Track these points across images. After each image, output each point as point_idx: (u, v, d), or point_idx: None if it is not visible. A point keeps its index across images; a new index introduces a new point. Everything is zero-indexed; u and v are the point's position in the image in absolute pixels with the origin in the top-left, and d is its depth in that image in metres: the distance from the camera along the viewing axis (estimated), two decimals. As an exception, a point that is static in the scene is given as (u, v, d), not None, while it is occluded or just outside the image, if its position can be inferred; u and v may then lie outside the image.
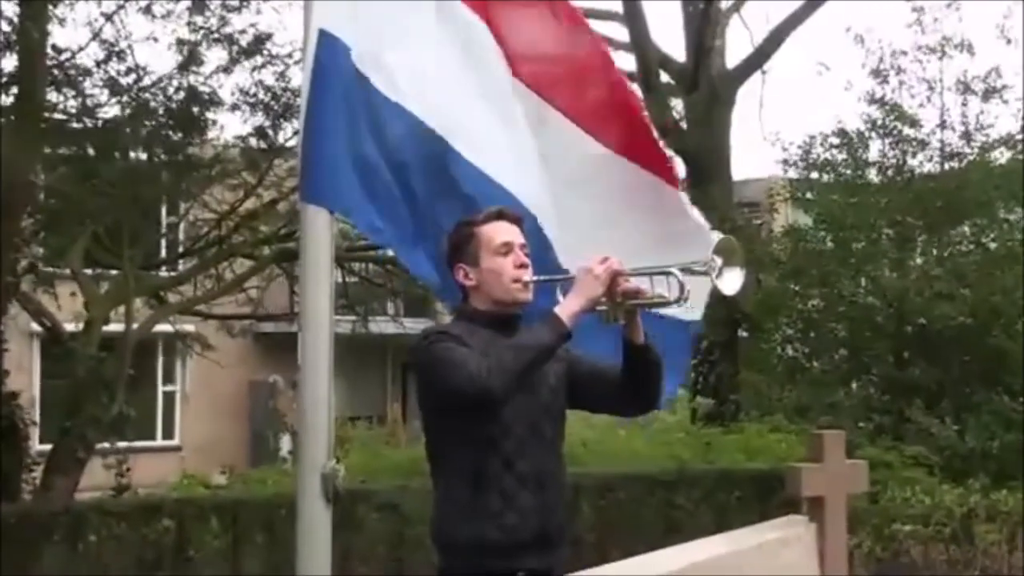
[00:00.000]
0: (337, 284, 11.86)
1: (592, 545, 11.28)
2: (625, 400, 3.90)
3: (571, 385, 3.87)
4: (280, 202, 13.54)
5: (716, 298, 3.98)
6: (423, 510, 8.65)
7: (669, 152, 5.12)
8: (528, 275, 3.83)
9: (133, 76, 11.95)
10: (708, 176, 17.60)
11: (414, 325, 15.18)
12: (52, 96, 11.65)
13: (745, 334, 17.37)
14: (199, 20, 12.17)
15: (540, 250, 4.47)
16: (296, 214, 10.94)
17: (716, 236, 3.87)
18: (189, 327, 15.95)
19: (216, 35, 12.19)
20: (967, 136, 15.66)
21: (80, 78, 11.79)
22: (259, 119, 12.61)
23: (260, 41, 12.34)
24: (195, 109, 11.92)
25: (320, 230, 4.44)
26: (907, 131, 15.45)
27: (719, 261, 3.59)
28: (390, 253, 11.02)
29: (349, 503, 10.36)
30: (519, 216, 3.96)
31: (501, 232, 3.87)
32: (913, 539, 10.83)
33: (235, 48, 12.25)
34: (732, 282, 3.60)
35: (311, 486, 4.29)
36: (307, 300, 4.43)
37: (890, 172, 15.44)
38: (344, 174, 4.35)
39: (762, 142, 30.49)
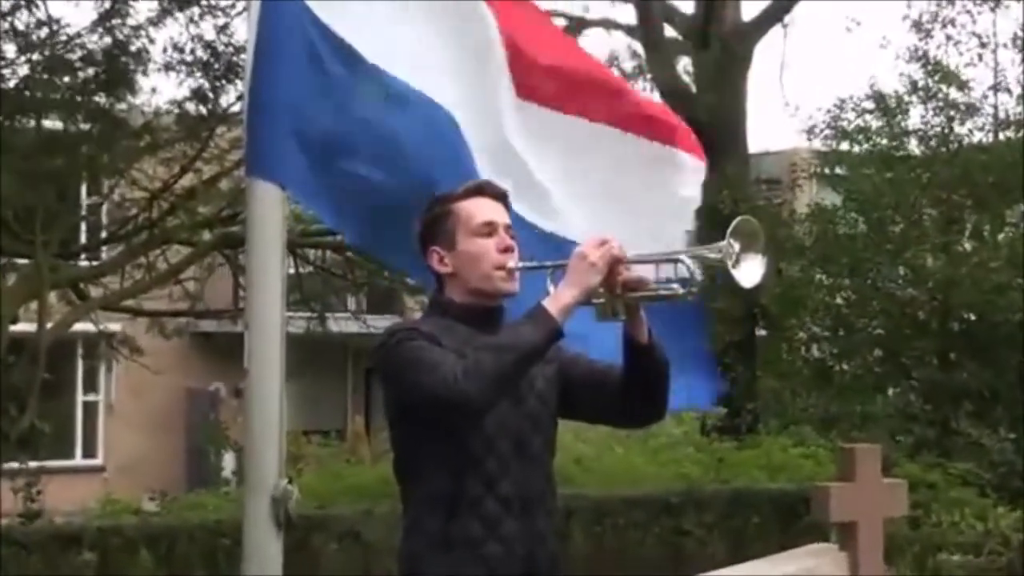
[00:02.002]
0: (290, 275, 11.82)
1: (587, 579, 11.31)
2: (626, 409, 3.88)
3: (563, 391, 3.86)
4: (222, 178, 13.50)
5: (731, 291, 3.99)
6: (390, 539, 8.64)
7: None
8: (513, 261, 3.80)
9: (46, 30, 11.90)
10: (721, 148, 17.60)
11: (380, 323, 15.17)
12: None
13: (764, 332, 17.42)
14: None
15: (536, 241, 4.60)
16: (241, 193, 10.90)
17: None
18: (115, 326, 15.90)
19: (145, -20, 12.16)
20: (1025, 100, 15.71)
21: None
22: (197, 80, 12.58)
23: (197, -12, 12.30)
24: (122, 60, 11.88)
25: (270, 211, 4.43)
26: (954, 94, 15.49)
27: (737, 247, 3.53)
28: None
29: (304, 531, 10.37)
30: (503, 192, 3.94)
31: (483, 210, 3.84)
32: (962, 571, 10.88)
33: (167, -4, 12.21)
34: (752, 272, 3.57)
35: (259, 511, 4.29)
36: (254, 294, 4.43)
37: (934, 142, 15.49)
38: (298, 145, 4.34)
39: (783, 108, 30.50)
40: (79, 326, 14.10)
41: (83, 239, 15.20)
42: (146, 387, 20.57)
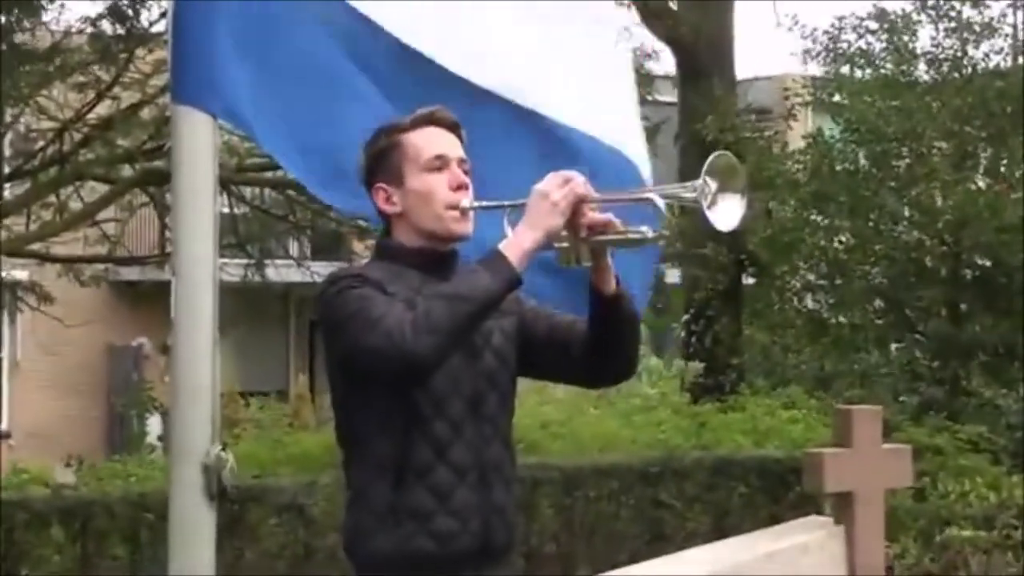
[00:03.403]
0: (223, 215, 11.82)
1: (554, 557, 11.38)
2: (593, 367, 3.91)
3: (524, 347, 3.88)
4: (144, 106, 13.44)
5: (713, 234, 4.01)
6: (336, 513, 8.66)
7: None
8: (467, 199, 3.82)
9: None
10: (706, 72, 17.63)
11: (325, 271, 15.12)
12: None
13: (751, 280, 17.47)
14: None
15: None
16: (166, 122, 10.87)
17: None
18: (20, 274, 15.85)
19: None
20: (1050, 20, 15.72)
21: None
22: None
23: None
24: None
25: (199, 143, 4.42)
26: (968, 12, 15.51)
27: (713, 186, 3.54)
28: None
29: (240, 504, 10.38)
30: (455, 121, 3.94)
31: (433, 141, 3.85)
32: (973, 547, 10.95)
33: None
34: (729, 213, 3.58)
35: (188, 482, 4.31)
36: (182, 237, 4.43)
37: (945, 66, 15.52)
38: (231, 67, 4.33)
39: (776, 28, 30.39)
40: (-21, 273, 14.05)
41: (-16, 175, 15.12)
42: (59, 343, 20.53)
